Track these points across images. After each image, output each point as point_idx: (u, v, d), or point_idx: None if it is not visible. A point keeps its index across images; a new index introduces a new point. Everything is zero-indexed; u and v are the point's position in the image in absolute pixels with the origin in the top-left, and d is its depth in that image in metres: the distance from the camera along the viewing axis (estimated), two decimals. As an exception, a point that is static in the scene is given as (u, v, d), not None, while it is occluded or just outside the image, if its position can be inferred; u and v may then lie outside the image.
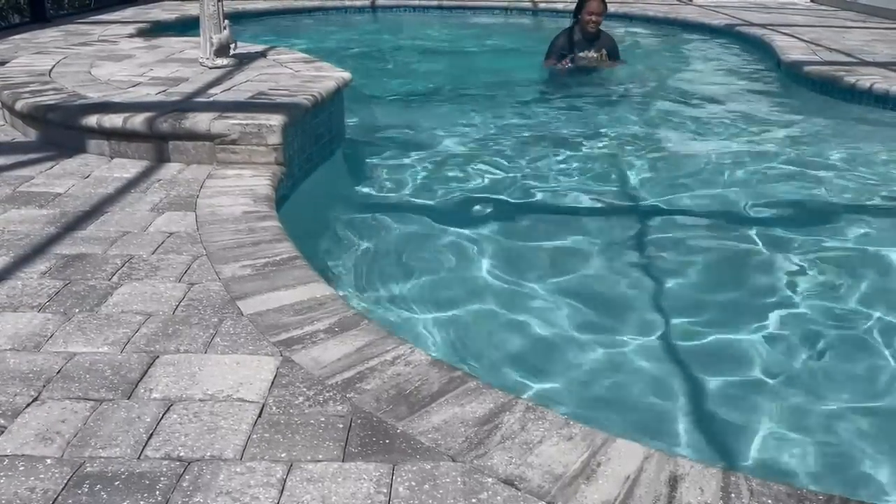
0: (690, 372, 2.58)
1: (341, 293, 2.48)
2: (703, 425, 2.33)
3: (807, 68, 6.44)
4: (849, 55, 7.00)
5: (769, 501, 1.53)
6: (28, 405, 1.84)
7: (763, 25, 8.98)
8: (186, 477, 1.60)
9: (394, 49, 8.74)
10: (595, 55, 6.97)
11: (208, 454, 1.67)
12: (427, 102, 6.23)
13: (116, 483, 1.58)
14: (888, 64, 6.59)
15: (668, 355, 2.68)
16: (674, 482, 1.58)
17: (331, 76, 4.66)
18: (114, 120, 3.71)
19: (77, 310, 2.29)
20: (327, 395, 1.88)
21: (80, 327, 2.19)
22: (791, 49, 7.25)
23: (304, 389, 1.90)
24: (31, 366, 2.00)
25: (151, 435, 1.73)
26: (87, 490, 1.56)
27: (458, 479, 1.60)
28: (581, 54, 6.94)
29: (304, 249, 2.74)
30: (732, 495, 1.55)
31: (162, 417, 1.79)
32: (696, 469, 1.62)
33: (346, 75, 4.71)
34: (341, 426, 1.76)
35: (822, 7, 11.45)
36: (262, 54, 5.52)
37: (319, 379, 1.94)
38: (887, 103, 5.66)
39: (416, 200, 3.99)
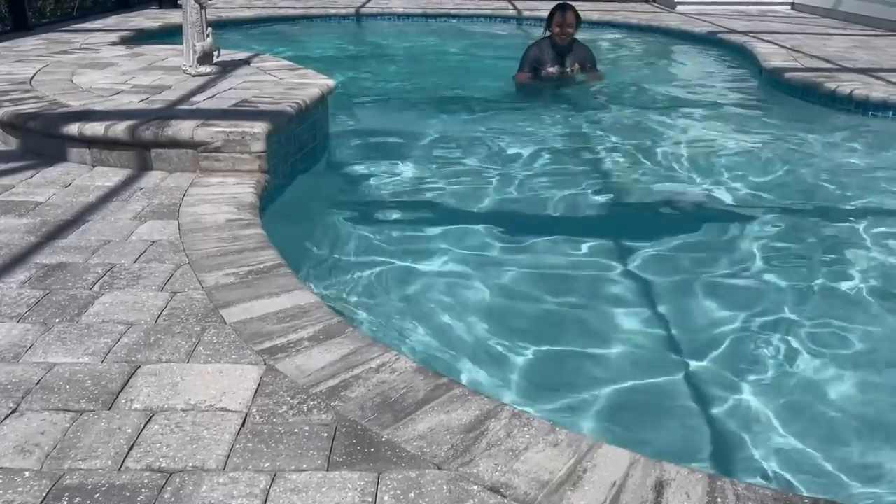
0: (677, 375, 2.59)
1: (326, 301, 2.46)
2: (690, 428, 2.33)
3: (788, 75, 6.50)
4: (829, 62, 7.08)
5: (755, 506, 1.53)
6: (6, 417, 1.81)
7: (745, 33, 9.06)
8: (168, 488, 1.58)
9: (378, 57, 8.74)
10: (568, 70, 6.64)
11: (190, 465, 1.65)
12: (412, 110, 6.23)
13: (96, 495, 1.56)
14: (868, 70, 6.67)
15: (654, 357, 2.69)
16: (660, 488, 1.58)
17: (315, 83, 4.65)
18: (95, 128, 3.68)
19: (57, 319, 2.26)
20: (311, 403, 1.86)
21: (60, 337, 2.16)
22: (772, 56, 7.32)
23: (288, 398, 1.88)
24: (9, 377, 1.96)
25: (132, 446, 1.70)
26: (66, 503, 1.53)
27: (444, 487, 1.59)
28: (551, 70, 6.61)
29: (289, 257, 2.72)
30: (718, 500, 1.54)
31: (143, 428, 1.77)
32: (682, 474, 1.62)
33: (331, 83, 4.71)
34: (326, 435, 1.75)
35: (803, 14, 11.57)
36: (246, 62, 5.50)
37: (304, 387, 1.93)
38: (867, 109, 5.72)
39: (401, 208, 3.98)
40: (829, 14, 11.12)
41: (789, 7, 12.23)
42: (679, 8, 12.05)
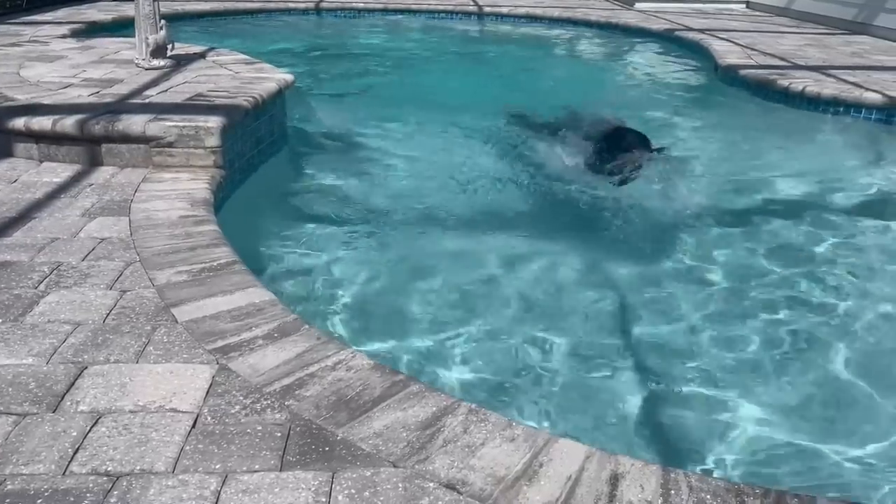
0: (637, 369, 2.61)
1: (282, 298, 2.42)
2: (650, 421, 2.35)
3: (743, 72, 6.61)
4: (783, 59, 7.21)
5: (707, 497, 1.54)
6: (-56, 422, 1.74)
7: (701, 30, 9.19)
8: (114, 492, 1.53)
9: (338, 52, 8.66)
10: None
11: (138, 468, 1.60)
12: (371, 105, 6.18)
13: (39, 501, 1.51)
14: (819, 68, 6.81)
15: (615, 353, 2.71)
16: (615, 481, 1.58)
17: (272, 78, 4.58)
18: (43, 122, 3.57)
19: (0, 320, 2.18)
20: (265, 403, 1.83)
21: (2, 338, 2.08)
22: (728, 53, 7.43)
23: (241, 398, 1.84)
24: (-52, 380, 1.89)
25: (78, 449, 1.65)
26: (6, 510, 1.48)
27: (399, 484, 1.57)
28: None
29: (244, 254, 2.67)
30: (672, 492, 1.55)
31: (89, 431, 1.71)
32: (637, 467, 1.62)
33: (289, 77, 4.64)
34: (279, 435, 1.72)
35: (758, 13, 11.78)
36: (202, 55, 5.39)
37: (257, 387, 1.89)
38: (818, 105, 5.85)
39: (358, 203, 3.95)
40: (782, 13, 11.34)
41: (744, 6, 12.44)
42: (637, 5, 12.17)
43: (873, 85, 6.04)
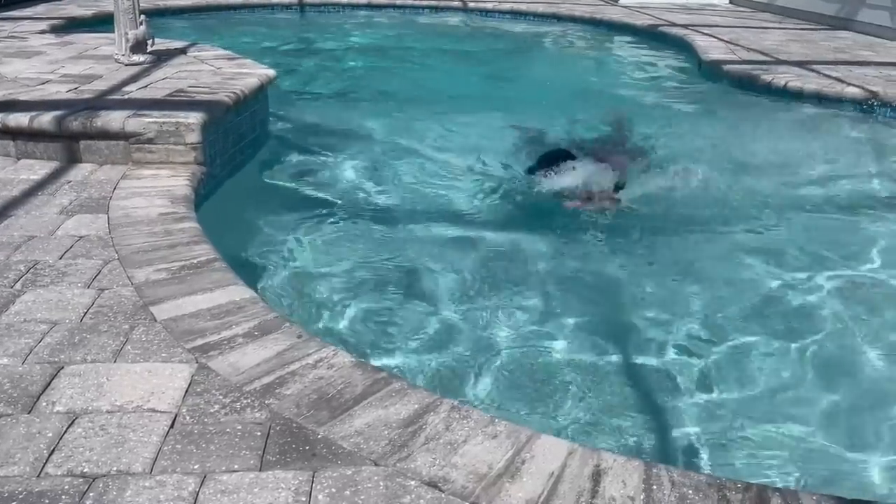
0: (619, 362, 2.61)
1: (263, 295, 2.40)
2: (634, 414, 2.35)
3: (726, 67, 6.64)
4: (765, 54, 7.24)
5: (689, 491, 1.54)
6: (-85, 424, 1.70)
7: (685, 26, 9.21)
8: (90, 494, 1.51)
9: (321, 47, 8.60)
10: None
11: (115, 469, 1.58)
12: (355, 102, 6.14)
13: (13, 503, 1.48)
14: (802, 63, 6.85)
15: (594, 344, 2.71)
16: (597, 476, 1.57)
17: (254, 73, 4.54)
18: (19, 119, 3.52)
19: (-26, 320, 2.14)
20: (245, 402, 1.81)
21: (-23, 339, 2.05)
22: (711, 49, 7.46)
23: (221, 397, 1.82)
24: (-80, 382, 1.85)
25: (53, 451, 1.62)
26: (-21, 513, 1.45)
27: (381, 483, 1.56)
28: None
29: (225, 251, 2.65)
30: (654, 487, 1.55)
31: (65, 432, 1.68)
32: (619, 462, 1.62)
33: (271, 72, 4.60)
34: (259, 434, 1.70)
35: (741, 8, 11.83)
36: (183, 51, 5.34)
37: (237, 385, 1.87)
38: (801, 99, 5.88)
39: (340, 200, 3.92)
40: (765, 8, 11.39)
41: (728, 1, 12.48)
42: (622, 1, 12.19)
43: (854, 80, 6.09)
